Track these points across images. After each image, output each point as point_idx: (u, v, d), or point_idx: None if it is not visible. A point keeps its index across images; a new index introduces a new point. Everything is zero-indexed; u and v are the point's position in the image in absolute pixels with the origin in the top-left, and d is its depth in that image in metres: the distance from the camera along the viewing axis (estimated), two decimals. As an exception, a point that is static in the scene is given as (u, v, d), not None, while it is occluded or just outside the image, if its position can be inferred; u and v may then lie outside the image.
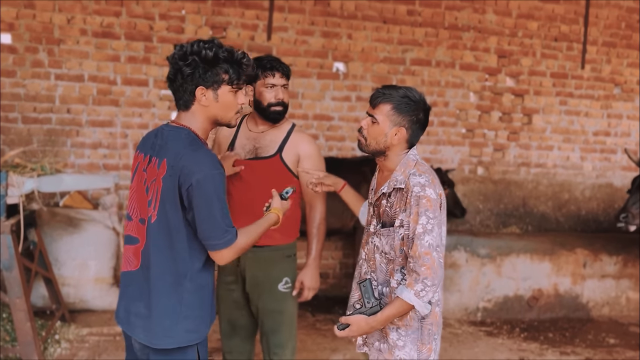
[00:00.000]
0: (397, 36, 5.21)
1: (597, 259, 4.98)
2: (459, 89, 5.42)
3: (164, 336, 1.85)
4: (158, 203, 1.82)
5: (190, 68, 1.80)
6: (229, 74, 1.83)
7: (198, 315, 1.88)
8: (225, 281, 2.61)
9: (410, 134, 2.03)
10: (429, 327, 2.00)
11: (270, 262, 2.53)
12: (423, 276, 1.87)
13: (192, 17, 4.76)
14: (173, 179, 1.78)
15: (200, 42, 1.81)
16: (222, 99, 1.84)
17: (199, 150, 1.80)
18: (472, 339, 4.35)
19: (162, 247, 1.83)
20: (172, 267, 1.83)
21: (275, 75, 2.46)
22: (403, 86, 2.06)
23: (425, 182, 1.93)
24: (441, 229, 1.94)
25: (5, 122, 4.52)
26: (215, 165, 1.79)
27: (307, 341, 4.03)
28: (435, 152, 5.43)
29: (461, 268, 4.70)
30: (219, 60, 1.80)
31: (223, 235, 1.80)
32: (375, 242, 2.05)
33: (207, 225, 1.78)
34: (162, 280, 1.84)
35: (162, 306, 1.84)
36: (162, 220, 1.82)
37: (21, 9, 4.45)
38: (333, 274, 5.24)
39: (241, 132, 2.56)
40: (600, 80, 5.76)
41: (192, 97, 1.83)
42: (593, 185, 5.89)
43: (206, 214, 1.77)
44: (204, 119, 1.87)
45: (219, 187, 1.79)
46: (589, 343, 4.41)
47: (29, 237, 3.74)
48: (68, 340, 3.79)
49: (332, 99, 5.14)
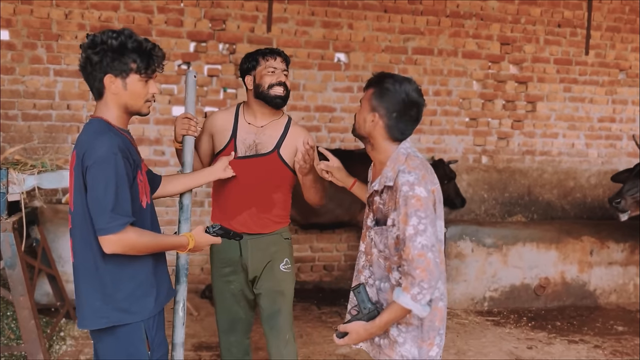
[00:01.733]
0: (399, 25, 5.15)
1: (604, 246, 4.94)
2: (462, 77, 5.37)
3: (96, 317, 1.89)
4: (72, 192, 1.88)
5: (99, 56, 1.85)
6: (137, 63, 1.87)
7: (129, 296, 1.89)
8: (222, 273, 2.58)
9: (387, 123, 1.93)
10: (430, 323, 1.94)
11: (270, 244, 2.56)
12: (419, 279, 1.80)
13: (190, 9, 4.71)
14: (79, 167, 1.84)
15: (109, 32, 1.87)
16: (131, 87, 1.89)
17: (100, 136, 1.83)
18: (479, 328, 4.32)
19: (80, 233, 1.88)
20: (89, 252, 1.87)
21: (277, 59, 2.46)
22: (400, 75, 1.97)
23: (414, 180, 1.84)
24: (436, 226, 1.88)
25: (5, 120, 4.49)
26: (112, 149, 1.80)
27: (313, 334, 4.01)
28: (438, 142, 5.39)
29: (467, 258, 4.67)
30: (126, 49, 1.85)
31: (108, 221, 1.78)
32: (372, 237, 2.01)
33: (94, 208, 1.80)
34: (83, 266, 1.89)
35: (87, 289, 1.89)
36: (77, 209, 1.87)
37: (18, 5, 4.41)
38: (338, 266, 5.21)
39: (240, 126, 2.52)
40: (604, 65, 5.70)
41: (102, 85, 1.89)
42: (599, 172, 5.84)
43: (94, 195, 1.79)
44: (116, 107, 1.92)
45: (112, 170, 1.78)
46: (597, 331, 4.38)
47: (32, 234, 3.72)
48: (73, 337, 3.78)
49: (334, 90, 5.09)
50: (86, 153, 1.81)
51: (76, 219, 1.88)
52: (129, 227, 1.81)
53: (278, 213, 2.57)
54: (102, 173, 1.78)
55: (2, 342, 3.53)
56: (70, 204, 1.91)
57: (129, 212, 1.82)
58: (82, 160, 1.82)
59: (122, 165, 1.81)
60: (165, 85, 4.70)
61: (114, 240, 1.79)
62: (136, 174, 1.90)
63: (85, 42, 1.89)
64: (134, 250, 1.85)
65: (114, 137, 1.85)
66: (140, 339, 1.92)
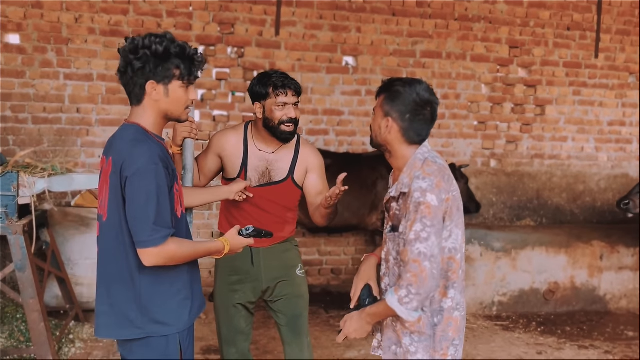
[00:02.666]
0: (407, 28, 5.15)
1: (614, 250, 4.90)
2: (470, 80, 5.35)
3: (129, 327, 1.84)
4: (107, 201, 1.81)
5: (141, 62, 1.78)
6: (180, 69, 1.81)
7: (165, 307, 1.85)
8: (228, 281, 2.56)
9: (402, 126, 1.91)
10: (442, 334, 1.92)
11: (283, 252, 2.57)
12: (407, 282, 1.80)
13: (199, 13, 4.73)
14: (116, 175, 1.78)
15: (152, 36, 1.79)
16: (173, 94, 1.83)
17: (139, 145, 1.77)
18: (488, 333, 4.30)
19: (114, 243, 1.82)
20: (125, 262, 1.82)
21: (288, 93, 2.39)
22: (409, 78, 1.96)
23: (427, 186, 1.82)
24: (442, 237, 1.84)
25: (16, 123, 4.52)
26: (152, 159, 1.75)
27: (322, 338, 4.00)
28: (447, 145, 5.37)
29: (476, 262, 4.64)
30: (170, 55, 1.79)
31: (150, 234, 1.73)
32: (389, 244, 2.00)
33: (134, 220, 1.74)
34: (117, 276, 1.84)
35: (121, 299, 1.84)
36: (111, 218, 1.81)
37: (29, 9, 4.45)
38: (346, 270, 5.20)
39: (251, 153, 2.49)
40: (614, 69, 5.66)
41: (143, 91, 1.82)
42: (608, 176, 5.80)
43: (135, 208, 1.74)
44: (155, 113, 1.86)
45: (154, 182, 1.73)
46: (607, 336, 4.34)
47: (42, 237, 3.74)
48: (82, 339, 3.79)
49: (342, 94, 5.09)
50: (125, 162, 1.75)
51: (109, 228, 1.83)
52: (169, 239, 1.77)
53: (290, 229, 2.61)
54: (143, 184, 1.73)
55: (11, 344, 3.54)
56: (102, 211, 1.85)
57: (170, 224, 1.78)
58: (121, 169, 1.76)
59: (162, 175, 1.76)
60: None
61: (155, 253, 1.75)
62: (173, 184, 1.84)
63: (126, 46, 1.81)
64: (173, 260, 1.81)
65: (153, 146, 1.79)
66: (175, 350, 1.88)
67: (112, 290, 1.85)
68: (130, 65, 1.79)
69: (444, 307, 1.91)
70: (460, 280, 1.94)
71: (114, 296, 1.85)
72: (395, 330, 1.99)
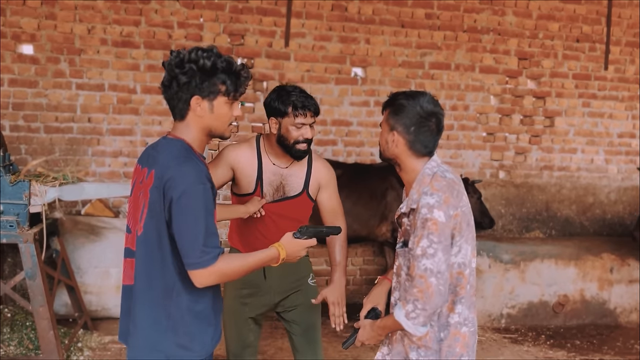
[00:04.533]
0: (416, 40, 5.17)
1: (625, 263, 4.86)
2: (479, 92, 5.36)
3: (151, 349, 1.78)
4: (145, 215, 1.76)
5: (187, 77, 1.73)
6: (226, 85, 1.76)
7: (190, 332, 1.79)
8: (239, 295, 2.54)
9: (408, 139, 1.92)
10: (449, 349, 1.91)
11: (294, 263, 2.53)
12: (414, 298, 1.81)
13: (210, 24, 4.78)
14: (159, 190, 1.72)
15: (199, 50, 1.74)
16: (218, 110, 1.78)
17: (186, 163, 1.72)
18: (496, 346, 4.27)
19: (148, 260, 1.77)
20: (159, 281, 1.76)
21: (307, 115, 2.36)
22: (412, 91, 1.96)
23: (435, 202, 1.82)
24: (448, 255, 1.83)
25: (28, 132, 4.58)
26: (200, 179, 1.70)
27: (329, 349, 3.99)
28: (455, 157, 5.37)
29: (484, 274, 4.62)
30: (217, 70, 1.74)
31: (200, 255, 1.68)
32: (400, 259, 2.00)
33: (183, 242, 1.70)
34: (148, 294, 1.78)
35: (147, 319, 1.78)
36: (148, 233, 1.76)
37: (42, 20, 4.52)
38: (353, 281, 5.19)
39: (265, 168, 2.47)
40: (624, 81, 5.65)
41: (187, 106, 1.77)
42: (619, 188, 5.76)
43: (184, 230, 1.69)
44: (198, 129, 1.81)
45: (202, 202, 1.69)
46: (617, 350, 4.30)
47: (52, 245, 3.77)
48: (91, 348, 3.81)
49: (351, 104, 5.11)
50: (171, 180, 1.70)
51: (146, 244, 1.77)
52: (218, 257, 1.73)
53: None
54: (191, 205, 1.68)
55: (21, 352, 3.57)
56: (137, 226, 1.80)
57: (218, 243, 1.73)
58: (165, 185, 1.71)
59: (210, 196, 1.72)
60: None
61: (207, 274, 1.70)
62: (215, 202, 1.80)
63: (171, 59, 1.76)
64: (225, 278, 1.76)
65: (199, 164, 1.74)
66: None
67: (138, 307, 1.80)
68: (176, 79, 1.74)
69: (451, 322, 1.91)
70: (468, 295, 1.93)
71: (139, 313, 1.80)
72: (404, 345, 1.98)
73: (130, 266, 1.85)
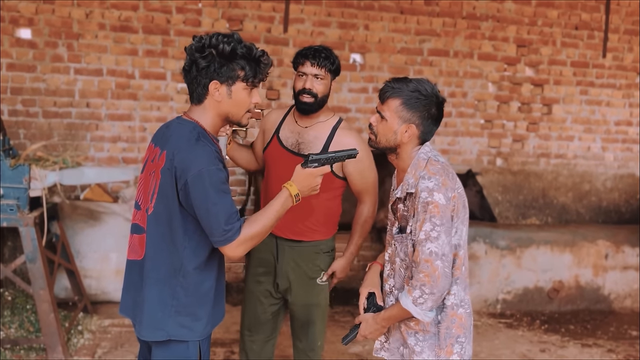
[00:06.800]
0: (415, 26, 5.16)
1: (619, 250, 4.91)
2: (478, 79, 5.36)
3: (154, 328, 1.82)
4: (156, 195, 1.79)
5: (206, 61, 1.75)
6: (245, 71, 1.78)
7: (193, 313, 1.83)
8: (255, 273, 2.58)
9: (422, 130, 1.91)
10: (446, 331, 1.92)
11: (308, 257, 2.52)
12: (421, 283, 1.81)
13: (208, 10, 4.76)
14: (170, 172, 1.75)
15: (219, 36, 1.77)
16: (236, 95, 1.80)
17: (198, 146, 1.75)
18: (492, 330, 4.32)
19: (158, 239, 1.81)
20: (167, 260, 1.80)
21: (305, 63, 2.38)
22: (414, 78, 1.91)
23: (434, 186, 1.82)
24: (451, 235, 1.84)
25: (26, 117, 4.58)
26: (212, 161, 1.74)
27: (326, 333, 4.03)
28: (453, 144, 5.39)
29: (480, 260, 4.67)
30: (236, 55, 1.76)
31: (224, 233, 1.74)
32: (395, 245, 1.99)
33: (206, 222, 1.74)
34: (156, 272, 1.81)
35: (153, 297, 1.81)
36: (158, 213, 1.80)
37: (40, 4, 4.49)
38: (351, 266, 5.22)
39: (286, 124, 2.48)
40: (622, 69, 5.66)
41: (206, 90, 1.79)
42: (615, 175, 5.80)
43: (204, 211, 1.73)
44: (215, 114, 1.83)
45: (216, 182, 1.72)
46: (610, 335, 4.36)
47: (52, 229, 3.79)
48: (91, 331, 3.85)
49: (349, 91, 5.12)
50: (183, 162, 1.73)
51: (157, 223, 1.81)
52: None
53: (317, 221, 2.48)
54: (207, 187, 1.71)
55: (21, 334, 3.60)
56: (149, 204, 1.83)
57: (237, 215, 1.77)
58: (177, 168, 1.74)
59: (222, 176, 1.76)
60: (182, 85, 4.76)
61: (235, 246, 1.76)
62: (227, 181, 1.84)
63: (192, 44, 1.79)
64: (255, 240, 1.80)
65: (209, 146, 1.77)
66: (194, 358, 1.85)
67: (146, 285, 1.83)
68: (195, 63, 1.77)
69: (447, 304, 1.91)
70: (463, 276, 1.94)
71: (146, 291, 1.83)
72: (401, 331, 1.99)
73: (138, 242, 1.88)
